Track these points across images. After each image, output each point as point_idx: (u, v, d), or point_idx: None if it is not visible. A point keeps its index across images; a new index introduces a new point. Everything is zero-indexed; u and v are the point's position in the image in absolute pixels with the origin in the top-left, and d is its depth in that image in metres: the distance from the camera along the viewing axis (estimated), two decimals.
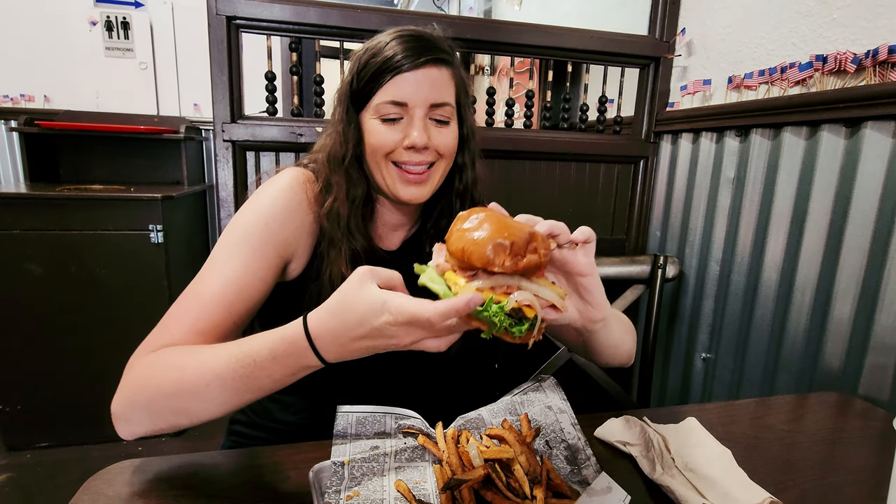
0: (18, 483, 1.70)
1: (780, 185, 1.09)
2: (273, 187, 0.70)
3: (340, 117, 0.73)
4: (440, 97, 0.70)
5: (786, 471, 0.63)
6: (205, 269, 0.63)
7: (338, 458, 0.57)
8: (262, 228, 0.66)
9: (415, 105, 0.68)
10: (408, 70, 0.67)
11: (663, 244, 1.48)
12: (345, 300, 0.49)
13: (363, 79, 0.70)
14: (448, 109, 0.71)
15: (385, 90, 0.68)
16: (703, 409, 0.78)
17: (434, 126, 0.71)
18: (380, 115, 0.69)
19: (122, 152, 2.41)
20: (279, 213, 0.68)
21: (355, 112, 0.72)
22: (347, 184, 0.72)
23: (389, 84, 0.68)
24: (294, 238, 0.70)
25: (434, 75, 0.69)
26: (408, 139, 0.69)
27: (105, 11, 2.50)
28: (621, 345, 0.69)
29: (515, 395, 0.72)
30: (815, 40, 1.02)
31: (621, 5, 1.82)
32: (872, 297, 0.90)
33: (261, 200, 0.69)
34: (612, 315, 0.65)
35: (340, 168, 0.72)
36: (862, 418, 0.79)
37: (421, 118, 0.69)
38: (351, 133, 0.72)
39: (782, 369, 1.09)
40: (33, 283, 1.77)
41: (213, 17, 1.15)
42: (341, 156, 0.72)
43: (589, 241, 0.55)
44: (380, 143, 0.70)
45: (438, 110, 0.70)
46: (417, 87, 0.68)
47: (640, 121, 1.49)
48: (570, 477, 0.59)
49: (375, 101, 0.69)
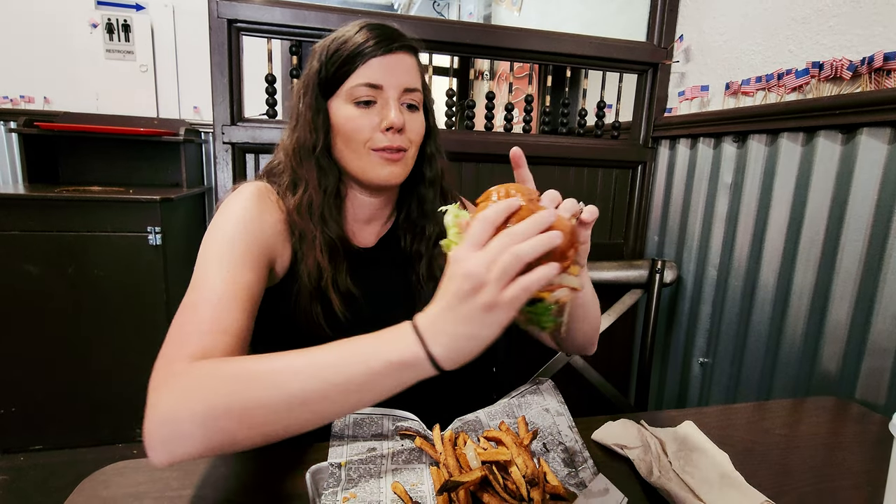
0: (12, 486, 1.69)
1: (777, 191, 1.09)
2: (239, 197, 0.69)
3: (308, 105, 0.72)
4: (413, 82, 0.71)
5: (783, 475, 0.63)
6: (199, 280, 0.60)
7: (335, 459, 0.56)
8: (242, 232, 0.65)
9: (389, 87, 0.70)
10: (382, 54, 0.69)
11: (661, 249, 1.49)
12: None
13: (334, 64, 0.70)
14: (418, 95, 0.72)
15: (359, 73, 0.69)
16: (701, 413, 0.78)
17: (406, 111, 0.72)
18: (353, 98, 0.70)
19: (122, 154, 2.41)
20: (254, 218, 0.67)
21: (324, 100, 0.72)
22: (318, 174, 0.72)
23: (363, 67, 0.69)
24: (273, 239, 0.69)
25: (406, 61, 0.71)
26: (386, 120, 0.69)
27: (106, 14, 2.51)
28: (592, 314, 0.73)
29: (513, 397, 0.73)
30: (811, 47, 1.03)
31: (620, 12, 1.83)
32: (869, 301, 0.90)
33: (232, 210, 0.67)
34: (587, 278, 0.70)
35: (311, 157, 0.72)
36: (859, 422, 0.79)
37: (395, 100, 0.70)
38: (321, 121, 0.72)
39: (779, 373, 1.09)
40: (31, 283, 1.77)
41: (214, 21, 1.16)
42: (311, 145, 0.72)
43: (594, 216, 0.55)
44: (357, 128, 0.70)
45: (410, 95, 0.71)
46: (391, 71, 0.69)
47: (638, 126, 1.50)
48: (567, 479, 0.59)
49: (348, 84, 0.70)
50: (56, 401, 1.86)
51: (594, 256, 1.35)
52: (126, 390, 1.90)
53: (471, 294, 0.43)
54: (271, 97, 1.27)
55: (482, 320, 0.43)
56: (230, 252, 0.63)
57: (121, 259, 1.83)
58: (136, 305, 1.87)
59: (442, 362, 0.45)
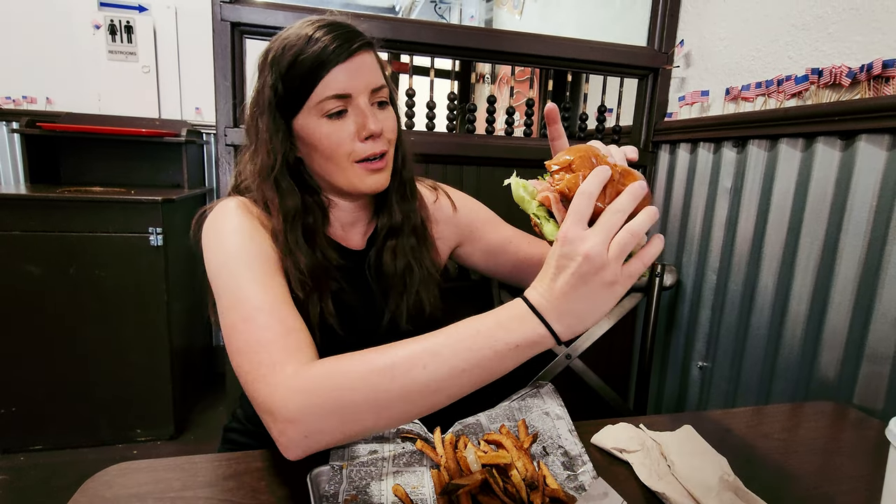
0: (13, 486, 1.69)
1: (776, 196, 1.10)
2: (228, 214, 0.67)
3: (266, 127, 0.68)
4: (378, 80, 0.68)
5: (781, 479, 0.63)
6: (235, 298, 0.58)
7: (336, 461, 0.57)
8: (250, 243, 0.63)
9: (358, 93, 0.66)
10: (345, 59, 0.64)
11: (661, 253, 1.49)
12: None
13: (294, 79, 0.65)
14: (386, 91, 0.69)
15: (324, 85, 0.65)
16: (700, 417, 0.78)
17: (378, 111, 0.69)
18: (323, 112, 0.66)
19: (123, 155, 2.42)
20: (252, 227, 0.66)
21: (283, 119, 0.68)
22: (279, 197, 0.68)
23: (328, 78, 0.64)
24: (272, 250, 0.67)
25: (367, 60, 0.67)
26: (364, 130, 0.66)
27: (109, 15, 2.52)
28: None
29: (513, 400, 0.73)
30: (811, 54, 1.04)
31: (620, 17, 1.84)
32: (867, 306, 0.91)
33: (228, 227, 0.65)
34: None
35: (269, 179, 0.68)
36: (857, 427, 0.79)
37: (367, 105, 0.67)
38: (280, 140, 0.68)
39: (778, 378, 1.09)
40: (32, 283, 1.77)
41: (217, 24, 1.17)
42: (269, 167, 0.68)
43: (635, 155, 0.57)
44: (336, 143, 0.66)
45: (379, 93, 0.68)
46: (357, 75, 0.66)
47: (638, 130, 1.50)
48: (566, 483, 0.59)
49: (314, 99, 0.65)
50: (56, 401, 1.86)
51: None
52: (126, 391, 1.90)
53: (593, 274, 0.45)
54: None
55: (605, 296, 0.46)
56: (250, 264, 0.61)
57: (122, 259, 1.83)
58: (137, 306, 1.88)
59: (563, 337, 0.48)
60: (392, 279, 0.77)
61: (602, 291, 0.46)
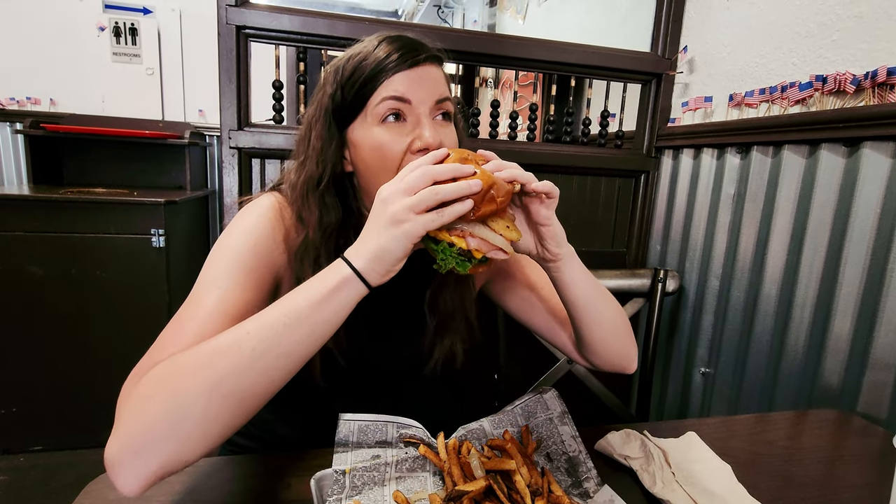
0: (12, 486, 1.68)
1: (779, 202, 1.10)
2: (255, 211, 0.66)
3: (319, 134, 0.65)
4: (444, 92, 0.65)
5: (785, 487, 0.63)
6: (197, 292, 0.58)
7: (339, 466, 0.57)
8: (251, 248, 0.62)
9: (420, 101, 0.62)
10: (408, 68, 0.61)
11: (663, 258, 1.49)
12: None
13: (353, 85, 0.63)
14: (449, 104, 0.66)
15: (383, 89, 0.61)
16: (703, 424, 0.78)
17: (440, 124, 0.64)
18: (380, 116, 0.62)
19: (127, 156, 2.43)
20: (265, 234, 0.64)
21: (338, 129, 0.65)
22: (321, 211, 0.65)
23: (388, 82, 0.61)
24: (281, 260, 0.65)
25: (433, 72, 0.64)
26: (419, 140, 0.61)
27: (113, 17, 2.53)
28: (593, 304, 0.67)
29: (517, 405, 0.73)
30: (815, 61, 1.04)
31: (624, 22, 1.84)
32: (871, 314, 0.90)
33: (246, 222, 0.64)
34: (575, 263, 0.65)
35: (315, 193, 0.65)
36: (861, 436, 0.79)
37: (427, 115, 0.62)
38: (331, 152, 0.65)
39: (781, 385, 1.09)
40: (34, 284, 1.77)
41: (223, 27, 1.17)
42: (317, 179, 0.65)
43: (551, 195, 0.58)
44: (388, 151, 0.61)
45: (443, 105, 0.64)
46: (421, 83, 0.62)
47: (641, 136, 1.51)
48: (570, 489, 0.59)
49: (371, 104, 0.62)
50: (57, 402, 1.86)
51: (596, 265, 1.35)
52: None
53: (381, 209, 0.50)
54: (278, 103, 1.28)
55: (390, 233, 0.49)
56: (233, 266, 0.60)
57: (124, 261, 1.83)
58: (139, 307, 1.88)
59: (367, 276, 0.50)
60: (440, 318, 0.74)
61: (388, 227, 0.49)
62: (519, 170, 0.56)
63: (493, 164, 0.55)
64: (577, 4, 2.28)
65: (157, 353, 0.53)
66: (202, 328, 0.54)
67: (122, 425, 0.47)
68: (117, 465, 0.45)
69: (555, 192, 0.58)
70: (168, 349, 0.53)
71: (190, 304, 0.57)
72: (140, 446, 0.45)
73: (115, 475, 0.46)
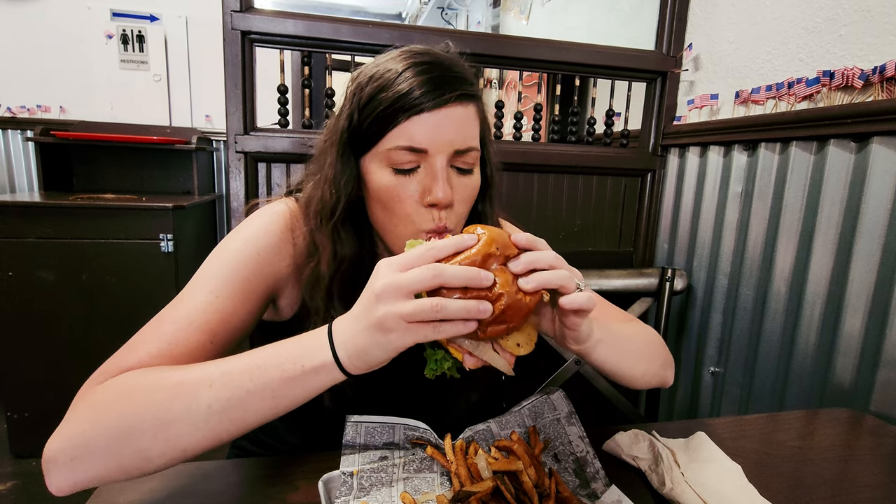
0: (24, 490, 1.70)
1: (788, 199, 1.09)
2: (265, 218, 0.63)
3: (332, 163, 0.61)
4: (466, 142, 0.58)
5: (797, 488, 0.62)
6: (187, 292, 0.56)
7: (347, 468, 0.57)
8: (252, 257, 0.59)
9: (437, 151, 0.56)
10: (431, 109, 0.55)
11: (671, 257, 1.48)
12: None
13: (369, 116, 0.57)
14: (473, 155, 0.59)
15: (399, 132, 0.56)
16: (712, 424, 0.77)
17: (455, 175, 0.59)
18: (391, 163, 0.57)
19: (135, 162, 2.46)
20: (270, 245, 0.61)
21: (353, 155, 0.61)
22: (334, 243, 0.61)
23: (405, 125, 0.55)
24: (284, 273, 0.63)
25: (459, 115, 0.57)
26: (430, 195, 0.56)
27: (121, 25, 2.56)
28: (623, 367, 0.62)
29: (524, 406, 0.72)
30: (822, 56, 1.03)
31: (628, 21, 1.84)
32: (883, 312, 0.89)
33: (253, 229, 0.62)
34: (607, 340, 0.58)
35: (328, 224, 0.61)
36: (874, 435, 0.78)
37: (443, 168, 0.56)
38: (344, 182, 0.60)
39: (792, 384, 1.08)
40: (45, 290, 1.79)
41: (228, 33, 1.18)
42: (330, 209, 0.61)
43: (584, 311, 0.48)
44: (396, 200, 0.58)
45: (463, 157, 0.58)
46: (440, 130, 0.56)
47: (647, 134, 1.50)
48: (578, 490, 0.58)
49: (386, 145, 0.57)
50: (68, 406, 1.88)
51: (603, 265, 1.35)
52: None
53: (372, 302, 0.43)
54: (283, 107, 1.29)
55: (375, 338, 0.43)
56: (229, 272, 0.58)
57: (133, 266, 1.85)
58: (148, 312, 1.88)
59: (348, 367, 0.46)
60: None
61: (376, 332, 0.43)
62: (551, 274, 0.46)
63: (524, 264, 0.46)
64: (580, 4, 2.28)
65: (128, 353, 0.52)
66: (178, 336, 0.53)
67: (68, 426, 0.47)
68: (52, 464, 0.45)
69: (590, 305, 0.48)
70: (140, 349, 0.52)
71: (176, 304, 0.56)
72: (77, 454, 0.45)
73: (47, 472, 0.46)
